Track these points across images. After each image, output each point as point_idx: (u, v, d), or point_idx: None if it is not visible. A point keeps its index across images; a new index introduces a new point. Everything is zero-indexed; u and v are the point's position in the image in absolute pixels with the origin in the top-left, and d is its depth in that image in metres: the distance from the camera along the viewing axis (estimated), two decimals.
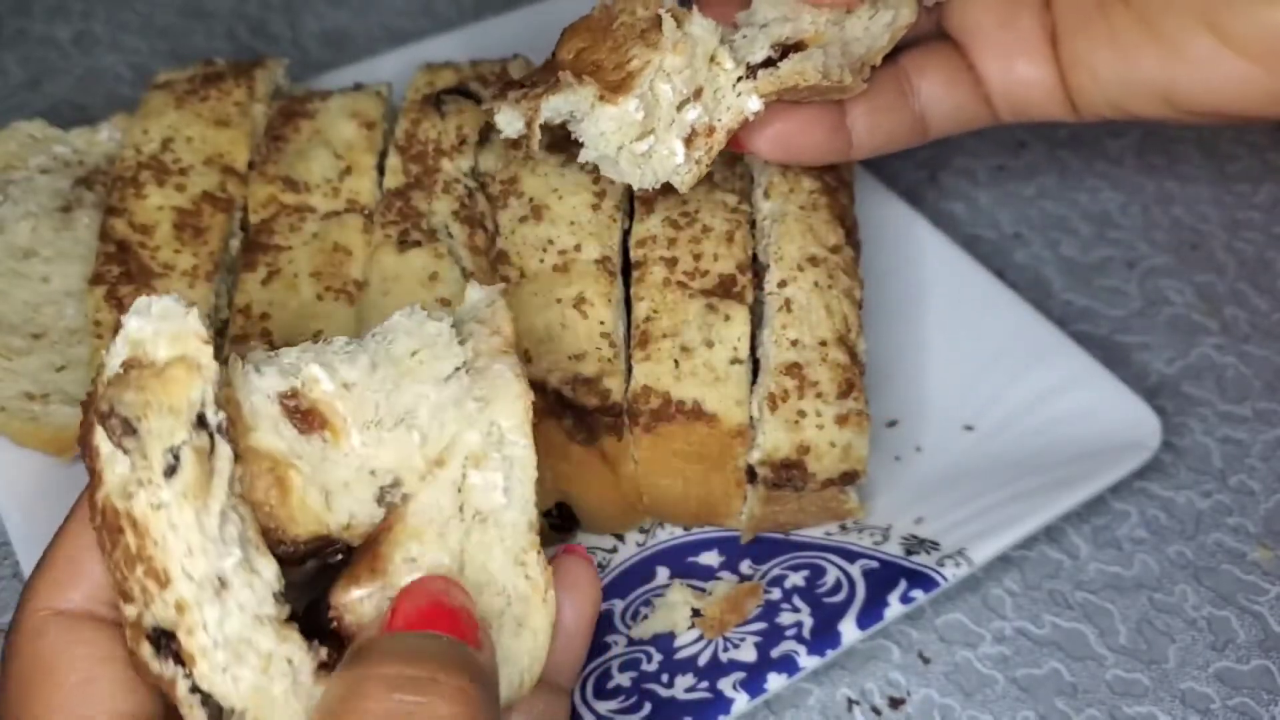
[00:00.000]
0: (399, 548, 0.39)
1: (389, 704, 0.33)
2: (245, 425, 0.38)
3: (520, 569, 0.40)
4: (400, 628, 0.36)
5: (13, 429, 0.55)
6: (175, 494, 0.35)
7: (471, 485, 0.40)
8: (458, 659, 0.35)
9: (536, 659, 0.40)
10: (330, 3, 0.88)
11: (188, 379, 0.36)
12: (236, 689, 0.36)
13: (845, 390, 0.52)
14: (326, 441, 0.39)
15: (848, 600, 0.52)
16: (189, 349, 0.37)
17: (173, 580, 0.35)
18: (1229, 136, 0.80)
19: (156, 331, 0.37)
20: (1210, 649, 0.56)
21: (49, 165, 0.64)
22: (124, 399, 0.36)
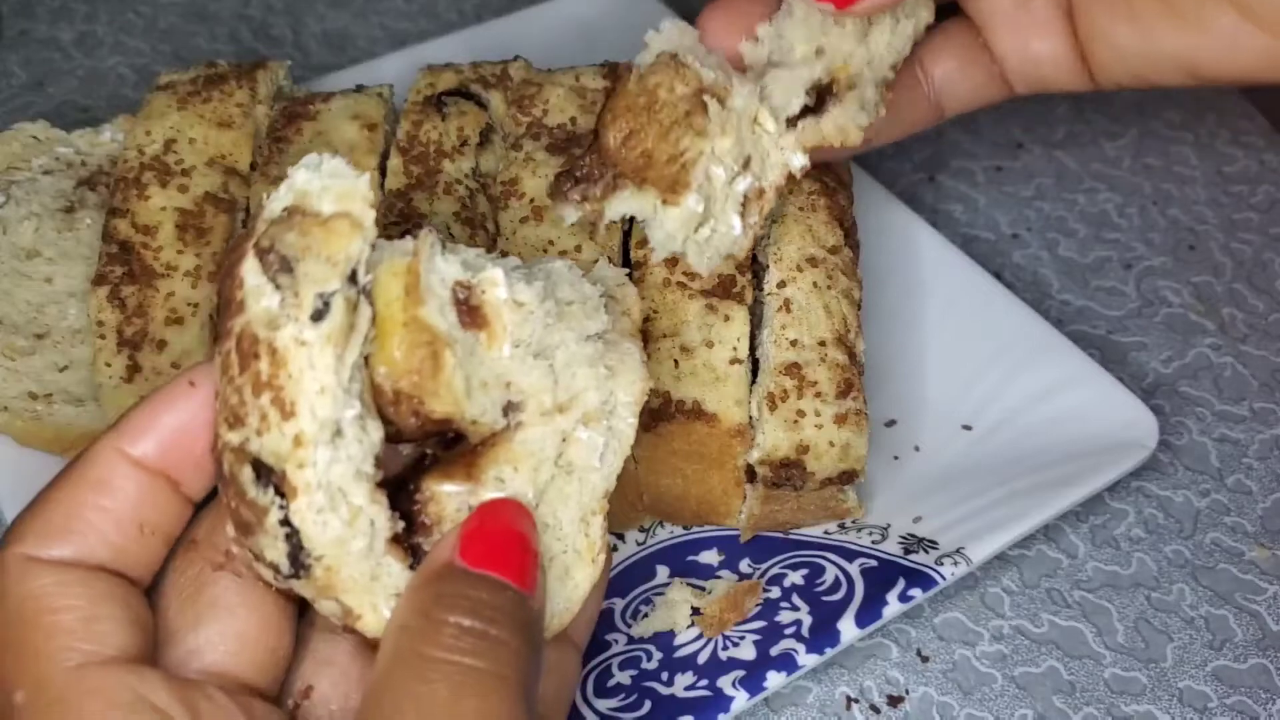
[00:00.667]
0: (496, 465, 0.41)
1: (450, 654, 0.35)
2: (418, 297, 0.39)
3: (584, 526, 0.42)
4: (472, 563, 0.38)
5: (16, 429, 0.56)
6: (320, 335, 0.37)
7: (577, 439, 0.42)
8: (515, 617, 0.37)
9: (569, 608, 0.42)
10: (332, 5, 0.88)
11: (350, 234, 0.38)
12: (322, 533, 0.37)
13: (844, 390, 0.52)
14: (480, 342, 0.41)
15: (846, 599, 0.53)
16: (354, 208, 0.38)
17: (298, 414, 0.36)
18: (1225, 139, 0.80)
19: (324, 187, 0.38)
20: (1208, 648, 0.56)
21: (52, 166, 0.64)
22: (286, 239, 0.37)
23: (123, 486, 0.38)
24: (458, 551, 0.38)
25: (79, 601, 0.36)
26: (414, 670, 0.35)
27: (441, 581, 0.37)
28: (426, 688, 0.35)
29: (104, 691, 0.35)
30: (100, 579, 0.37)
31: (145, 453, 0.39)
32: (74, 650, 0.36)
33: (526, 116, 0.60)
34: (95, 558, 0.38)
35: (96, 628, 0.36)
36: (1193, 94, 0.83)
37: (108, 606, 0.37)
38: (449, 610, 0.36)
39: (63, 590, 0.36)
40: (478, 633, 0.36)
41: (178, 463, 0.39)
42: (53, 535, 0.37)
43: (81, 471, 0.39)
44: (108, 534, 0.38)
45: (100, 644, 0.36)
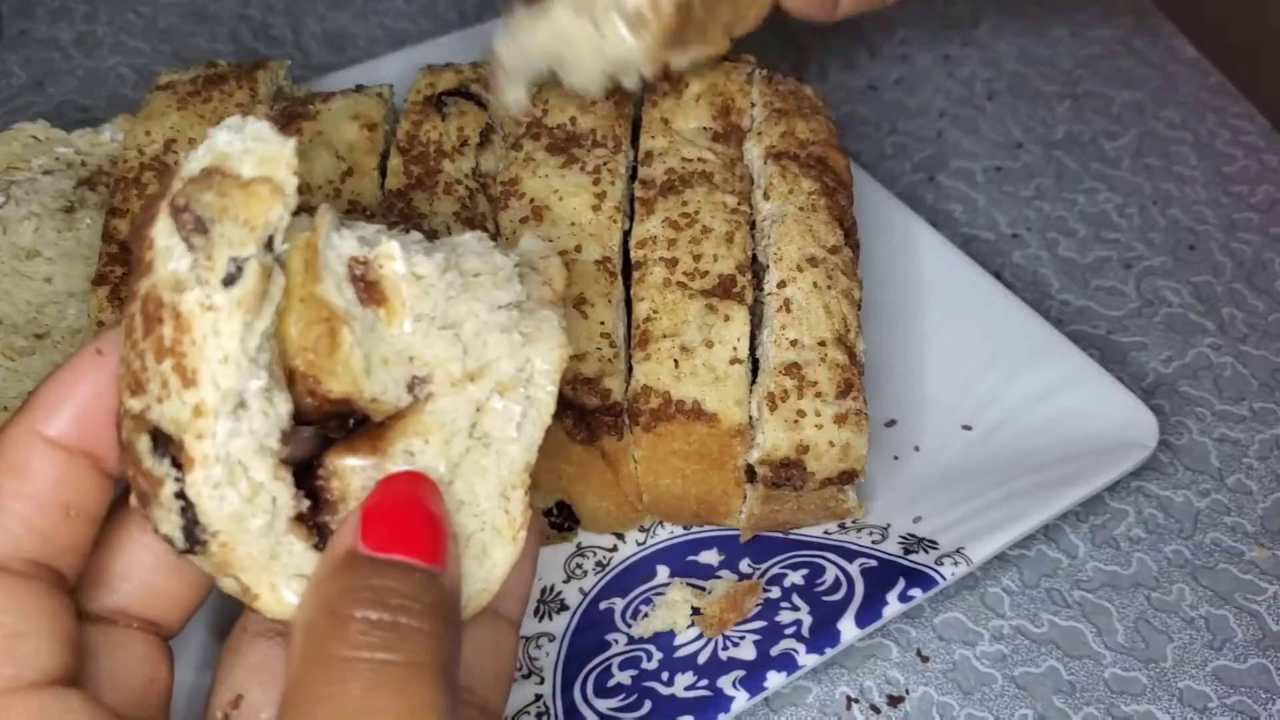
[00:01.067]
0: (404, 438, 0.40)
1: (360, 650, 0.34)
2: (314, 274, 0.39)
3: (503, 501, 0.41)
4: (375, 547, 0.36)
5: None
6: (229, 301, 0.35)
7: (491, 409, 0.41)
8: (425, 601, 0.36)
9: (487, 588, 0.41)
10: (332, 5, 0.88)
11: (271, 199, 0.36)
12: (219, 509, 0.36)
13: (844, 390, 0.52)
14: (380, 318, 0.40)
15: (846, 599, 0.53)
16: (277, 174, 0.37)
17: (200, 382, 0.35)
18: (1225, 139, 0.80)
19: (246, 149, 0.37)
20: (1208, 648, 0.56)
21: (52, 166, 0.64)
22: (203, 198, 0.36)
23: (41, 469, 0.37)
24: (359, 536, 0.36)
25: (5, 618, 0.35)
26: (324, 672, 0.34)
27: (345, 573, 0.36)
28: (339, 688, 0.33)
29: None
30: (27, 591, 0.36)
31: (60, 431, 0.37)
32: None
33: (526, 116, 0.60)
34: (23, 550, 0.36)
35: (20, 649, 0.35)
36: (1193, 94, 0.83)
37: (32, 622, 0.35)
38: (354, 605, 0.35)
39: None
40: (387, 625, 0.34)
41: (95, 437, 0.37)
42: None
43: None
44: (32, 522, 0.36)
45: (22, 667, 0.34)
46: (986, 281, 0.65)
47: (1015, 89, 0.83)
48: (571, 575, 0.55)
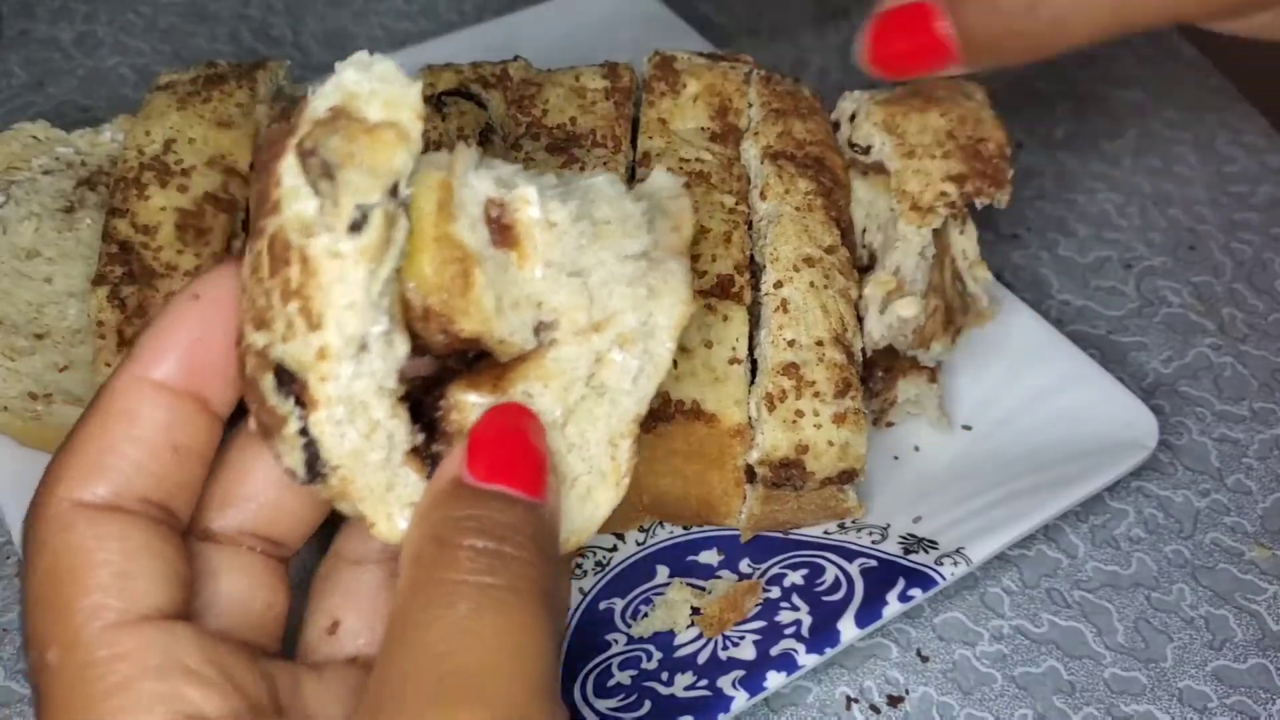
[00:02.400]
0: (525, 380, 0.41)
1: (466, 575, 0.35)
2: (450, 213, 0.39)
3: (611, 449, 0.42)
4: (480, 478, 0.38)
5: (15, 429, 0.56)
6: (355, 249, 0.36)
7: (611, 360, 0.42)
8: (527, 531, 0.37)
9: (588, 528, 0.42)
10: (331, 4, 0.88)
11: (396, 145, 0.36)
12: (340, 445, 0.37)
13: (843, 389, 0.52)
14: (511, 261, 0.40)
15: (846, 599, 0.53)
16: (403, 118, 0.37)
17: (325, 327, 0.36)
18: (1226, 139, 0.80)
19: (373, 91, 0.37)
20: (1208, 648, 0.56)
21: (52, 166, 0.64)
22: (330, 143, 0.36)
23: (150, 414, 0.38)
24: (465, 466, 0.38)
25: (114, 556, 0.36)
26: (433, 595, 0.35)
27: (451, 502, 0.37)
28: (448, 610, 0.35)
29: (136, 653, 0.35)
30: (137, 530, 0.37)
31: (166, 374, 0.38)
32: (106, 608, 0.35)
33: (526, 116, 0.60)
34: (135, 490, 0.37)
35: (130, 584, 0.36)
36: (1193, 94, 0.83)
37: (143, 560, 0.36)
38: (460, 534, 0.36)
39: (99, 544, 0.36)
40: (491, 552, 0.36)
41: (200, 378, 0.38)
42: (89, 473, 0.37)
43: (106, 405, 0.38)
44: (143, 463, 0.37)
45: (132, 601, 0.35)
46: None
47: (1015, 88, 0.83)
48: (571, 575, 0.55)
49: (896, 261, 0.54)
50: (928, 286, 0.54)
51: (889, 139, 0.56)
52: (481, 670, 0.34)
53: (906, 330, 0.54)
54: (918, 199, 0.54)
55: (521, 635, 0.35)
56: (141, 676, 0.34)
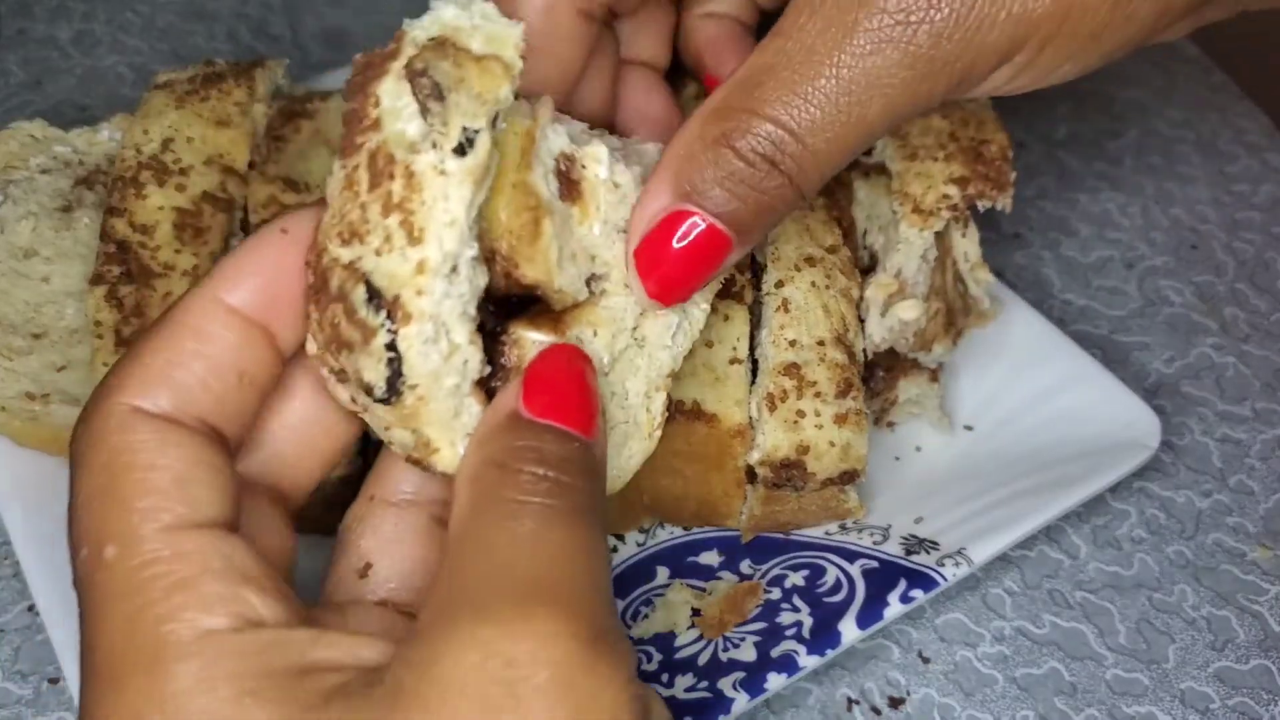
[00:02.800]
0: (579, 325, 0.42)
1: (530, 496, 0.36)
2: (528, 161, 0.40)
3: (647, 400, 0.45)
4: (537, 413, 0.38)
5: (13, 429, 0.56)
6: (461, 169, 0.37)
7: (656, 315, 0.44)
8: (582, 464, 0.38)
9: (622, 476, 0.45)
10: (330, 3, 0.88)
11: (503, 77, 0.37)
12: (423, 364, 0.38)
13: (844, 390, 0.52)
14: (573, 216, 0.42)
15: (847, 600, 0.52)
16: (506, 53, 0.38)
17: (426, 241, 0.37)
18: (1228, 138, 0.80)
19: (475, 26, 0.38)
20: (1210, 649, 0.56)
21: (49, 165, 0.64)
22: (441, 66, 0.37)
23: (221, 334, 0.38)
24: (521, 400, 0.38)
25: (174, 462, 0.36)
26: (498, 510, 0.36)
27: (510, 433, 0.38)
28: (513, 523, 0.35)
29: (197, 555, 0.35)
30: (196, 442, 0.37)
31: (242, 300, 0.38)
32: (167, 510, 0.35)
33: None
34: (195, 408, 0.37)
35: (190, 491, 0.35)
36: (1195, 93, 0.83)
37: (202, 470, 0.36)
38: (520, 460, 0.37)
39: (159, 448, 0.36)
40: (550, 479, 0.37)
41: (274, 311, 0.38)
42: (152, 382, 0.37)
43: (179, 319, 0.38)
44: (208, 381, 0.37)
45: (192, 507, 0.35)
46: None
47: None
48: None
49: (898, 264, 0.54)
50: (929, 289, 0.54)
51: (891, 140, 0.56)
52: (554, 576, 0.35)
53: (908, 333, 0.54)
54: (920, 201, 0.54)
55: (589, 548, 0.36)
56: (204, 577, 0.34)
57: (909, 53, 0.40)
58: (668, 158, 0.42)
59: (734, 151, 0.41)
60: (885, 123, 0.42)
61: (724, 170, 0.41)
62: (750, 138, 0.41)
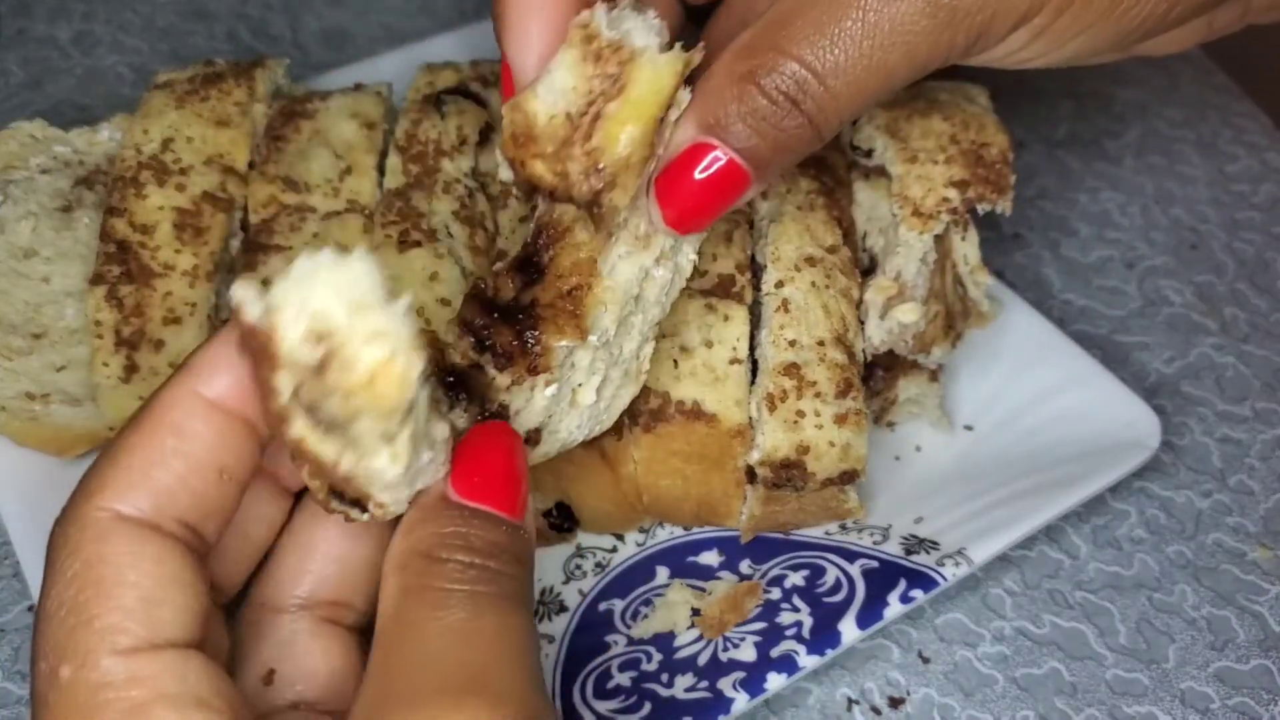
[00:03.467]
0: (597, 306, 0.44)
1: (459, 584, 0.37)
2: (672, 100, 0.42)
3: (639, 352, 0.47)
4: (465, 495, 0.39)
5: (13, 429, 0.56)
6: (385, 463, 0.36)
7: (652, 276, 0.45)
8: (511, 550, 0.39)
9: (609, 419, 0.47)
10: (330, 3, 0.88)
11: (401, 391, 0.34)
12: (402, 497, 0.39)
13: (844, 390, 0.52)
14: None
15: (847, 600, 0.52)
16: (398, 359, 0.34)
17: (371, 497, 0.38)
18: (1228, 138, 0.80)
19: (352, 326, 0.33)
20: (1210, 649, 0.56)
21: (49, 165, 0.64)
22: (329, 406, 0.34)
23: (200, 431, 0.37)
24: (450, 484, 0.39)
25: (143, 578, 0.35)
26: (427, 599, 0.37)
27: (438, 519, 0.39)
28: (442, 612, 0.36)
29: (152, 680, 0.34)
30: (171, 555, 0.36)
31: (219, 393, 0.37)
32: (126, 632, 0.35)
33: None
34: (175, 508, 0.37)
35: (156, 612, 0.35)
36: (1195, 93, 0.83)
37: (172, 590, 0.36)
38: (449, 550, 0.38)
39: (132, 562, 0.35)
40: (479, 566, 0.38)
41: (253, 402, 0.37)
42: (132, 485, 0.36)
43: (158, 416, 0.37)
44: (188, 480, 0.37)
45: (154, 629, 0.35)
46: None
47: (1017, 87, 0.83)
48: (571, 576, 0.55)
49: (897, 266, 0.54)
50: (929, 292, 0.54)
51: (891, 143, 0.56)
52: (485, 666, 0.35)
53: (907, 335, 0.54)
54: (920, 205, 0.54)
55: (518, 634, 0.37)
56: (157, 703, 0.34)
57: (931, 1, 0.41)
58: (696, 92, 0.43)
59: (759, 89, 0.42)
60: (905, 70, 0.43)
61: (748, 106, 0.42)
62: (775, 76, 0.42)
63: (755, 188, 0.44)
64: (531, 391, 0.43)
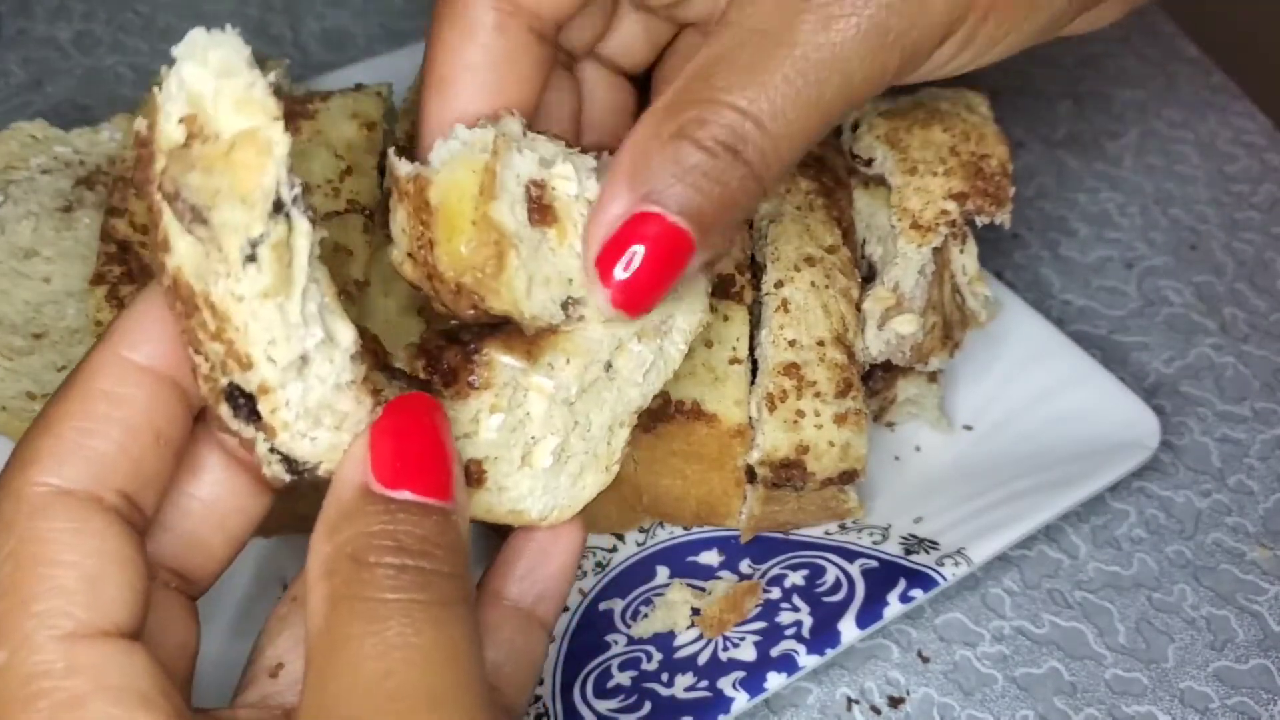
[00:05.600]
0: (553, 351, 0.42)
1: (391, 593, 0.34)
2: (490, 196, 0.39)
3: (609, 434, 0.43)
4: (387, 483, 0.36)
5: (14, 429, 0.56)
6: (256, 291, 0.34)
7: (628, 349, 0.43)
8: (444, 542, 0.36)
9: (572, 507, 0.43)
10: (331, 3, 0.88)
11: (260, 164, 0.33)
12: (314, 448, 0.37)
13: (843, 389, 0.52)
14: (548, 238, 0.41)
15: (847, 599, 0.52)
16: (258, 123, 0.33)
17: (256, 364, 0.35)
18: (1227, 138, 0.80)
19: (218, 91, 0.33)
20: (1209, 648, 0.56)
21: (50, 165, 0.64)
22: (190, 183, 0.33)
23: (133, 395, 0.36)
24: (370, 471, 0.36)
25: (84, 557, 0.34)
26: (360, 613, 0.34)
27: (361, 516, 0.35)
28: (380, 625, 0.34)
29: (92, 670, 0.33)
30: (112, 531, 0.34)
31: (148, 356, 0.36)
32: (67, 615, 0.33)
33: None
34: (113, 478, 0.35)
35: (98, 593, 0.34)
36: (1194, 93, 0.83)
37: (114, 569, 0.34)
38: (377, 552, 0.35)
39: (73, 540, 0.34)
40: (413, 569, 0.35)
41: (182, 365, 0.36)
42: (67, 455, 0.35)
43: (88, 382, 0.36)
44: (125, 446, 0.35)
45: (96, 612, 0.33)
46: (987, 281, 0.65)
47: (1017, 87, 0.83)
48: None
49: (896, 277, 0.54)
50: (926, 303, 0.54)
51: (891, 153, 0.56)
52: (429, 685, 0.33)
53: (905, 347, 0.54)
54: (918, 217, 0.54)
55: (462, 646, 0.35)
56: (95, 695, 0.32)
57: (860, 27, 0.39)
58: (620, 160, 0.39)
59: (693, 143, 0.38)
60: (842, 103, 0.40)
61: (683, 164, 0.38)
62: (710, 127, 0.39)
63: (701, 255, 0.40)
64: (476, 415, 0.41)
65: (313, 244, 0.35)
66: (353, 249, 0.57)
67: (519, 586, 0.43)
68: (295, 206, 0.34)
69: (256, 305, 0.34)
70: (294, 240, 0.34)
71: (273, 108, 0.33)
